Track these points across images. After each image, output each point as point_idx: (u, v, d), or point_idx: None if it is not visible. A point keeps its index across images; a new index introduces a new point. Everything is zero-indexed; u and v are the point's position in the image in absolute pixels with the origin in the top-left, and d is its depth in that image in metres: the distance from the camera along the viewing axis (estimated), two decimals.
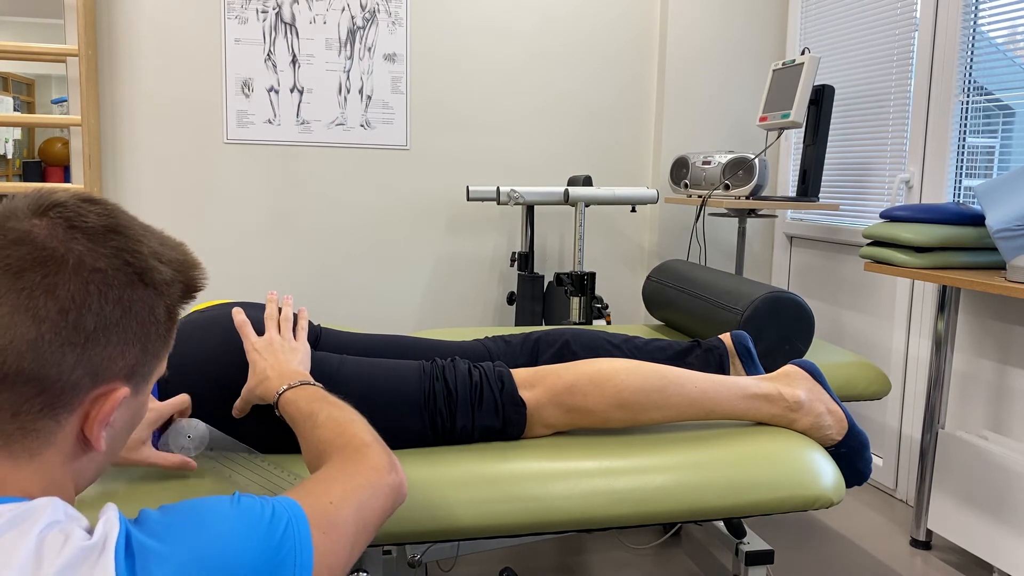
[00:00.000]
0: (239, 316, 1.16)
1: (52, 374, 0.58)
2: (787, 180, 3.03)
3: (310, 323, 1.42)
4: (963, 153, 2.21)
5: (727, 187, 2.55)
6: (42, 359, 0.58)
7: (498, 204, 2.71)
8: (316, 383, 1.04)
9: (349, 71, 2.76)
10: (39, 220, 0.60)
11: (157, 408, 1.06)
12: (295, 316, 1.24)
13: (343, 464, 0.81)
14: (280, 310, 1.22)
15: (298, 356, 1.14)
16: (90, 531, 0.55)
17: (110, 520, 0.56)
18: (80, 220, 0.61)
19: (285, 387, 1.03)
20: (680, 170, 2.76)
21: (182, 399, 1.09)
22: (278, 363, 1.10)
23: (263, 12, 2.67)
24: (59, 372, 0.59)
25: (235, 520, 0.61)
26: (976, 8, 2.14)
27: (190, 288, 0.68)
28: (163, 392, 1.16)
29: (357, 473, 0.79)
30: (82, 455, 0.63)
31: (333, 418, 0.92)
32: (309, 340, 1.38)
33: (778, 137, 2.67)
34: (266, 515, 0.63)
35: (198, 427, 1.11)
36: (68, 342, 0.59)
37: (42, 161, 2.69)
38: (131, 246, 0.63)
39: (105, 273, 0.61)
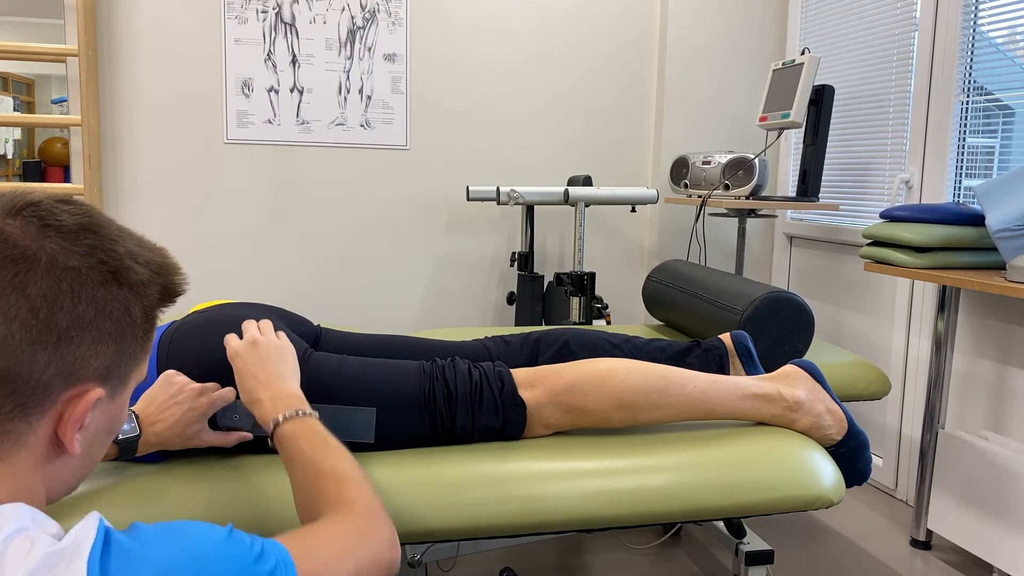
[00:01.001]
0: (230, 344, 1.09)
1: (23, 373, 0.58)
2: (787, 180, 3.03)
3: (310, 323, 1.42)
4: (963, 153, 2.21)
5: (727, 187, 2.55)
6: (12, 358, 0.57)
7: (498, 204, 2.71)
8: (311, 411, 0.97)
9: (349, 71, 2.76)
10: (12, 220, 0.59)
11: (209, 399, 1.07)
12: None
13: (346, 525, 0.77)
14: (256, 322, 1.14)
15: (288, 362, 1.06)
16: (59, 537, 0.54)
17: (85, 528, 0.55)
18: (54, 219, 0.60)
19: (281, 418, 0.94)
20: (680, 170, 2.76)
21: (228, 391, 1.10)
22: (268, 378, 1.02)
23: (263, 12, 2.67)
24: (30, 371, 0.58)
25: (225, 546, 0.59)
26: (976, 8, 2.14)
27: (169, 291, 0.67)
28: None
29: (359, 539, 0.75)
30: (55, 459, 0.62)
31: (339, 471, 0.86)
32: (308, 341, 1.38)
33: (778, 137, 2.67)
34: (255, 550, 0.61)
35: (243, 407, 1.11)
36: (39, 340, 0.58)
37: (42, 161, 2.69)
38: (106, 245, 0.62)
39: (78, 271, 0.60)
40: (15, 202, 0.60)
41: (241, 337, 1.10)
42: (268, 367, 1.03)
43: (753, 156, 2.50)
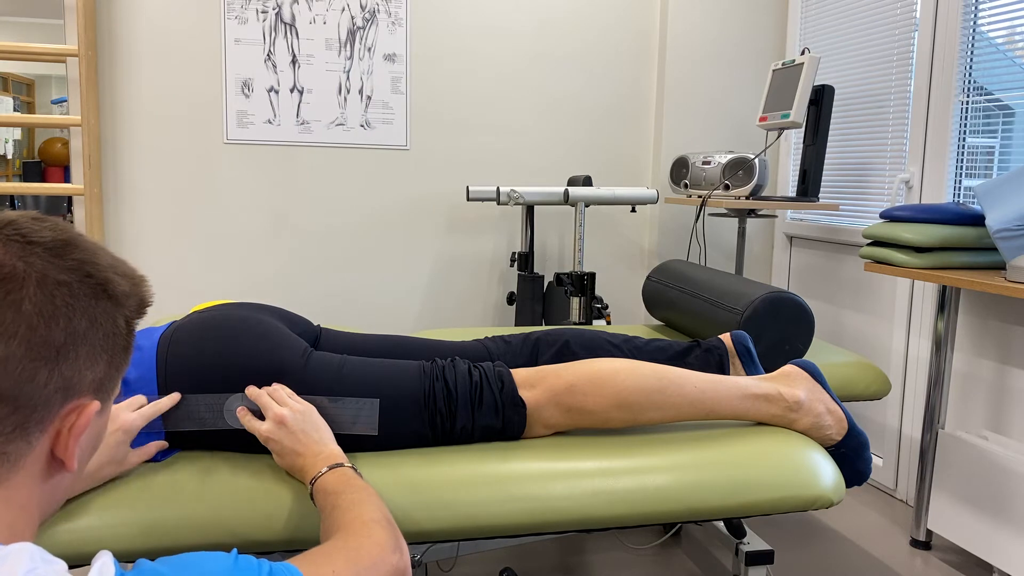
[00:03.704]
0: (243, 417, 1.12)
1: (26, 391, 0.58)
2: (787, 180, 3.03)
3: (310, 323, 1.42)
4: (963, 153, 2.21)
5: (727, 187, 2.55)
6: (14, 377, 0.57)
7: (498, 204, 2.71)
8: (348, 464, 1.01)
9: (349, 71, 2.76)
10: None
11: (135, 418, 1.06)
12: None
13: (347, 538, 0.81)
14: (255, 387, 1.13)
15: (317, 424, 1.08)
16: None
17: (105, 564, 0.56)
18: (37, 235, 0.60)
19: (318, 473, 0.99)
20: (680, 170, 2.76)
21: (166, 401, 1.09)
22: (307, 449, 1.05)
23: (263, 12, 2.67)
24: (32, 389, 0.58)
25: (232, 573, 0.60)
26: (976, 8, 2.14)
27: (143, 303, 0.68)
28: (164, 392, 1.15)
29: (360, 547, 0.79)
30: (50, 478, 0.62)
31: (352, 500, 0.91)
32: (308, 341, 1.38)
33: (778, 137, 2.67)
34: (263, 572, 0.62)
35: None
36: (40, 357, 0.58)
37: (42, 161, 2.69)
38: (91, 259, 0.62)
39: (70, 286, 0.60)
40: None
41: (251, 407, 1.11)
42: (304, 439, 1.06)
43: (753, 156, 2.50)
